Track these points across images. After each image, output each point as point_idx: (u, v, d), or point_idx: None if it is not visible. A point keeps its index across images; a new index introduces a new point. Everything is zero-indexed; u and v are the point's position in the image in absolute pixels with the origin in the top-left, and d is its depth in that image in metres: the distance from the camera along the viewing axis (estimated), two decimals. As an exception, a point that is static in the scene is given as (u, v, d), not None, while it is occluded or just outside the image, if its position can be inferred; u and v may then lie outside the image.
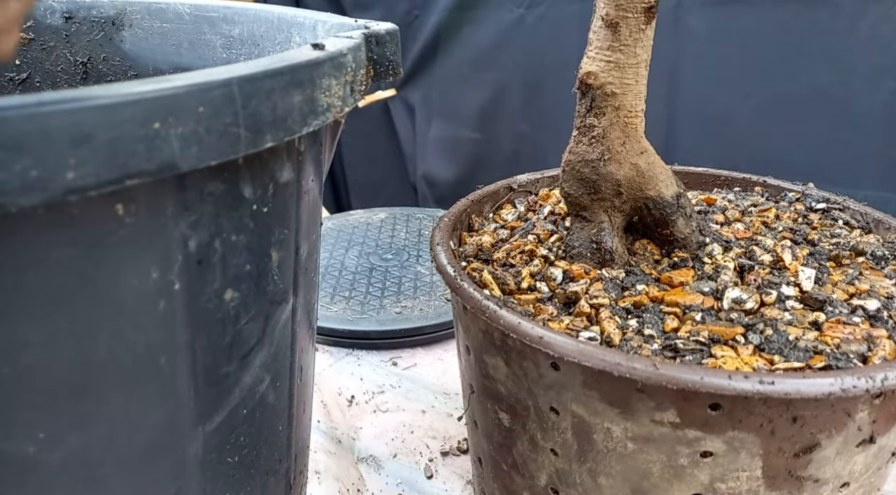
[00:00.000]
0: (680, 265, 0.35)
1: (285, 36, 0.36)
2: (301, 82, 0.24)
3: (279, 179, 0.27)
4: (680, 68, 0.82)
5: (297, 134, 0.24)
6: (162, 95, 0.19)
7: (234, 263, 0.26)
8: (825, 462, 0.28)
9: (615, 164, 0.35)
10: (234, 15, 0.38)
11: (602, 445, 0.30)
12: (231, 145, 0.21)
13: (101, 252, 0.21)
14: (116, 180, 0.18)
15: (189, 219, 0.23)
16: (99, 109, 0.18)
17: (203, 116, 0.20)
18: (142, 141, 0.19)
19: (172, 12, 0.40)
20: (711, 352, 0.29)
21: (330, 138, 0.33)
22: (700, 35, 0.80)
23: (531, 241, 0.38)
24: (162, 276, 0.23)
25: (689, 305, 0.32)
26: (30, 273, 0.20)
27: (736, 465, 0.28)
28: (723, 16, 0.79)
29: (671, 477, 0.29)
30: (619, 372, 0.27)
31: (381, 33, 0.30)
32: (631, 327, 0.31)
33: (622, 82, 0.33)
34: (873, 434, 0.29)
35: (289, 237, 0.29)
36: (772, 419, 0.27)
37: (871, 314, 0.31)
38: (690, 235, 0.36)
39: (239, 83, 0.21)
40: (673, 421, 0.28)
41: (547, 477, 0.33)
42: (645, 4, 0.31)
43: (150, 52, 0.42)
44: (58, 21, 0.42)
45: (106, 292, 0.21)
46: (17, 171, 0.17)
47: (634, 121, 0.34)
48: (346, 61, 0.27)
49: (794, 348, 0.29)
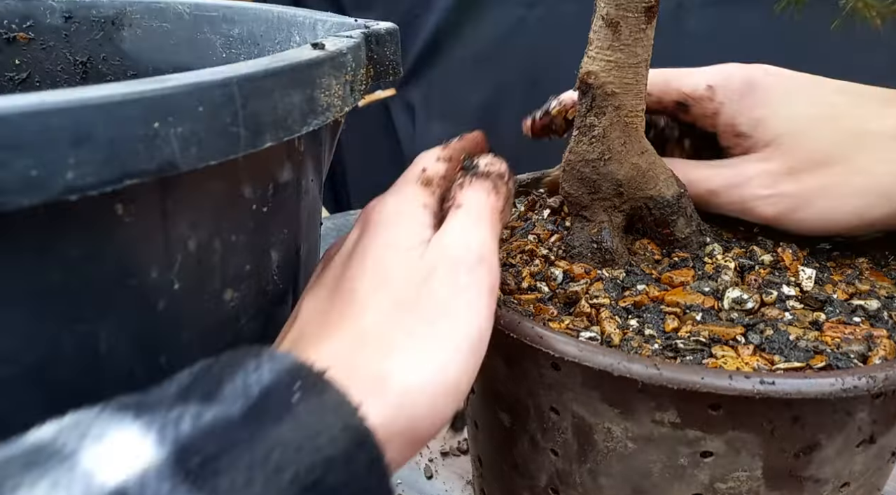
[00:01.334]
0: (680, 265, 0.35)
1: (285, 35, 0.36)
2: (301, 82, 0.24)
3: (279, 179, 0.27)
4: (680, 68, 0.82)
5: (297, 134, 0.24)
6: (161, 95, 0.19)
7: (233, 263, 0.26)
8: (825, 462, 0.28)
9: (615, 164, 0.34)
10: (234, 14, 0.38)
11: (602, 445, 0.30)
12: (231, 145, 0.21)
13: (100, 251, 0.21)
14: (116, 180, 0.18)
15: (188, 219, 0.23)
16: (99, 109, 0.18)
17: (203, 116, 0.20)
18: (141, 140, 0.19)
19: (172, 12, 0.40)
20: (712, 352, 0.29)
21: (330, 138, 0.33)
22: (700, 35, 0.80)
23: (531, 241, 0.38)
24: (162, 276, 0.23)
25: (689, 305, 0.32)
26: (29, 272, 0.20)
27: (736, 465, 0.28)
28: (723, 16, 0.79)
29: (671, 477, 0.29)
30: (620, 373, 0.26)
31: (381, 33, 0.30)
32: (631, 327, 0.31)
33: (622, 82, 0.33)
34: (874, 434, 0.29)
35: (289, 237, 0.29)
36: (772, 419, 0.27)
37: (871, 314, 0.31)
38: (691, 235, 0.36)
39: (239, 83, 0.21)
40: (673, 421, 0.28)
41: (547, 478, 0.33)
42: (645, 4, 0.31)
43: (149, 52, 0.42)
44: (58, 21, 0.42)
45: (105, 291, 0.21)
46: (18, 171, 0.17)
47: (635, 120, 0.34)
48: (346, 61, 0.27)
49: (794, 348, 0.29)
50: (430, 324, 0.24)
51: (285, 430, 0.19)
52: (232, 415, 0.19)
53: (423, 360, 0.23)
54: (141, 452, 0.17)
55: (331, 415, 0.20)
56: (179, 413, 0.19)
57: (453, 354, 0.24)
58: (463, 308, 0.25)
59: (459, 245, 0.26)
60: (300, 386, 0.20)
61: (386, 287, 0.25)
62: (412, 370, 0.23)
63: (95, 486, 0.16)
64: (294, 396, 0.20)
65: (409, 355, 0.23)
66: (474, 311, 0.25)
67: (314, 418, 0.20)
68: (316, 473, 0.19)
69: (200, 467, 0.17)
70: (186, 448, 0.18)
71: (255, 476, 0.18)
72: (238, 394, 0.20)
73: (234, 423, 0.19)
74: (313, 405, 0.20)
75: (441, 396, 0.23)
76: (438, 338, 0.24)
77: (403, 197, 0.29)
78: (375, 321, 0.25)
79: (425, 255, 0.26)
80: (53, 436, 0.18)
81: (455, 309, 0.25)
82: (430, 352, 0.24)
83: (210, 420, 0.19)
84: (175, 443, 0.18)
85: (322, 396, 0.20)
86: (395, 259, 0.26)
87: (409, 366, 0.23)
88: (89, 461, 0.17)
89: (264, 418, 0.19)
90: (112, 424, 0.18)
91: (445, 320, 0.25)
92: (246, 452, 0.18)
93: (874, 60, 0.70)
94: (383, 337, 0.24)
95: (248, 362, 0.21)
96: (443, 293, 0.25)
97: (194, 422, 0.18)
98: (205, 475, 0.17)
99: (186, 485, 0.17)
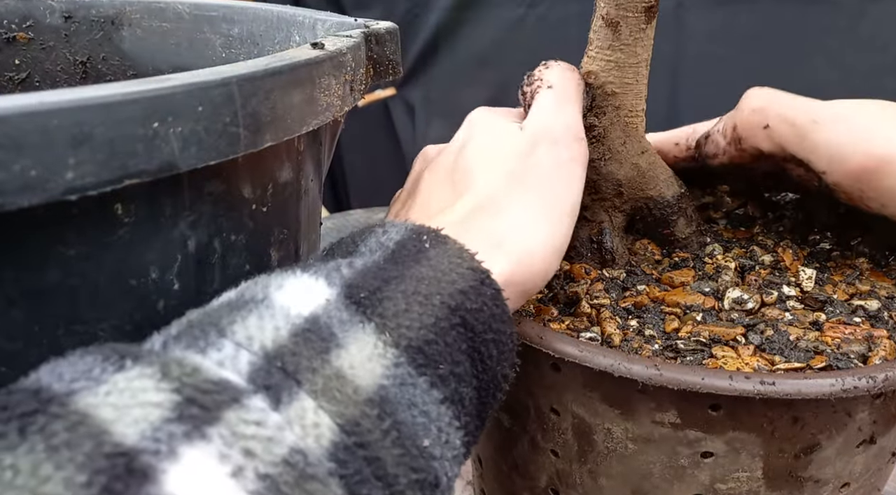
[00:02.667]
0: (681, 265, 0.35)
1: (285, 35, 0.36)
2: (300, 82, 0.24)
3: (278, 179, 0.27)
4: (680, 68, 0.82)
5: (297, 133, 0.24)
6: (161, 95, 0.19)
7: (233, 263, 0.26)
8: (826, 462, 0.28)
9: (616, 164, 0.34)
10: (234, 14, 0.38)
11: (602, 446, 0.30)
12: (230, 145, 0.21)
13: (100, 251, 0.21)
14: (116, 180, 0.18)
15: (188, 219, 0.23)
16: (98, 109, 0.18)
17: (202, 116, 0.20)
18: (141, 140, 0.18)
19: (172, 12, 0.40)
20: (712, 352, 0.29)
21: (329, 137, 0.33)
22: (700, 35, 0.80)
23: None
24: (161, 276, 0.23)
25: (689, 305, 0.32)
26: (29, 272, 0.20)
27: (736, 466, 0.28)
28: (723, 15, 0.79)
29: (672, 478, 0.29)
30: (620, 373, 0.26)
31: (380, 32, 0.30)
32: (632, 327, 0.31)
33: (623, 82, 0.33)
34: (874, 434, 0.29)
35: (288, 237, 0.29)
36: (772, 419, 0.27)
37: (871, 314, 0.31)
38: (691, 235, 0.36)
39: (238, 82, 0.21)
40: (673, 422, 0.28)
41: (547, 478, 0.33)
42: (645, 4, 0.31)
43: (149, 52, 0.42)
44: (57, 21, 0.42)
45: (105, 292, 0.21)
46: (17, 171, 0.16)
47: (635, 120, 0.34)
48: (346, 60, 0.27)
49: (794, 348, 0.29)
50: (538, 194, 0.28)
51: (425, 269, 0.23)
52: (378, 261, 0.24)
53: (536, 226, 0.27)
54: (318, 292, 0.22)
55: (456, 259, 0.24)
56: (336, 264, 0.23)
57: (558, 222, 0.28)
58: (565, 180, 0.29)
59: (558, 123, 0.30)
60: (426, 240, 0.24)
61: (498, 162, 0.29)
62: (529, 235, 0.27)
63: (293, 315, 0.21)
64: (425, 245, 0.24)
65: (524, 220, 0.27)
66: (574, 183, 0.29)
67: (445, 261, 0.24)
68: (456, 299, 0.23)
69: (367, 298, 0.22)
70: (351, 285, 0.22)
71: (411, 301, 0.22)
72: (376, 248, 0.25)
73: (382, 267, 0.23)
74: (441, 252, 0.24)
75: (550, 256, 0.27)
76: (546, 207, 0.28)
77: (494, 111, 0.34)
78: (491, 191, 0.28)
79: (527, 133, 0.30)
80: (240, 293, 0.22)
81: (558, 180, 0.29)
82: (540, 219, 0.27)
83: (362, 266, 0.23)
84: (342, 283, 0.22)
85: (446, 246, 0.24)
86: (503, 139, 0.30)
87: (525, 231, 0.27)
88: (282, 300, 0.21)
89: (406, 261, 0.24)
90: (286, 278, 0.22)
91: (551, 191, 0.28)
92: (400, 283, 0.23)
93: (874, 60, 0.70)
94: (500, 203, 0.28)
95: (376, 229, 0.26)
96: (546, 166, 0.29)
97: (351, 268, 0.23)
98: (372, 304, 0.22)
99: (360, 311, 0.22)
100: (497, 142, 0.30)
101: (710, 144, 0.37)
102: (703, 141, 0.37)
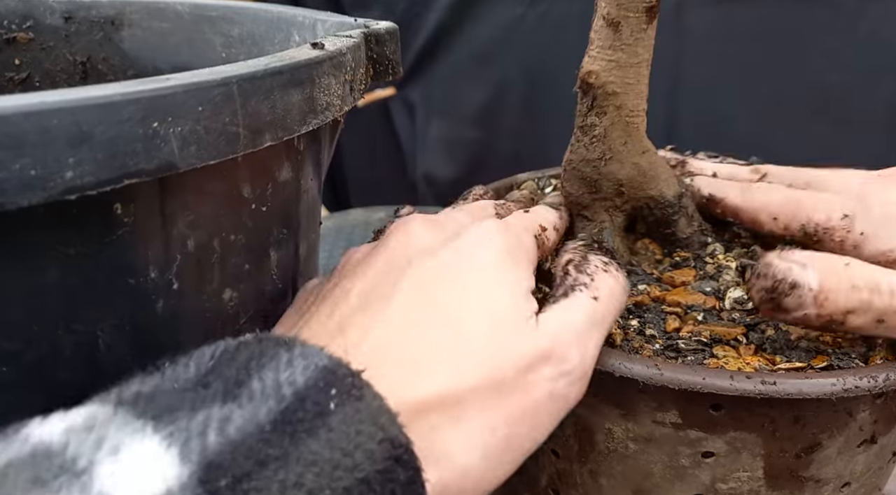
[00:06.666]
0: (681, 265, 0.35)
1: (285, 35, 0.36)
2: (300, 81, 0.24)
3: (278, 179, 0.27)
4: (681, 68, 0.82)
5: (297, 133, 0.24)
6: (161, 95, 0.19)
7: (233, 263, 0.26)
8: (827, 462, 0.28)
9: (616, 164, 0.34)
10: (234, 14, 0.38)
11: (603, 446, 0.30)
12: (230, 144, 0.21)
13: (99, 251, 0.21)
14: (115, 179, 0.18)
15: (188, 219, 0.23)
16: (98, 109, 0.18)
17: (202, 116, 0.20)
18: (141, 140, 0.19)
19: (172, 12, 0.40)
20: (713, 352, 0.29)
21: (329, 137, 0.33)
22: (701, 34, 0.80)
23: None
24: (161, 276, 0.23)
25: (690, 305, 0.32)
26: (28, 272, 0.20)
27: (737, 466, 0.28)
28: (723, 15, 0.79)
29: (672, 478, 0.29)
30: (621, 373, 0.26)
31: (380, 32, 0.30)
32: (632, 327, 0.31)
33: (623, 81, 0.33)
34: (875, 434, 0.29)
35: (288, 236, 0.29)
36: (773, 419, 0.27)
37: (872, 314, 0.31)
38: (692, 235, 0.36)
39: (238, 82, 0.21)
40: (674, 422, 0.28)
41: (547, 478, 0.33)
42: (646, 4, 0.31)
43: (149, 52, 0.42)
44: (57, 21, 0.42)
45: (105, 291, 0.21)
46: (17, 171, 0.16)
47: (636, 120, 0.34)
48: (346, 60, 0.27)
49: (795, 348, 0.29)
50: (514, 426, 0.23)
51: (319, 445, 0.17)
52: (262, 423, 0.17)
53: (491, 460, 0.22)
54: (162, 471, 0.16)
55: (370, 426, 0.18)
56: (204, 419, 0.17)
57: (511, 463, 0.23)
58: (548, 417, 0.24)
59: (580, 353, 0.24)
60: (335, 394, 0.18)
61: (488, 351, 0.23)
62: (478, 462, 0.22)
63: None
64: (330, 405, 0.18)
65: (482, 445, 0.22)
66: (553, 425, 0.24)
67: (352, 430, 0.18)
68: (354, 493, 0.17)
69: (229, 489, 0.16)
70: (213, 465, 0.16)
71: None
72: (268, 394, 0.18)
73: (264, 433, 0.17)
74: (350, 413, 0.18)
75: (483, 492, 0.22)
76: (512, 440, 0.23)
77: (518, 241, 0.28)
78: (459, 387, 0.22)
79: (542, 337, 0.24)
80: (63, 442, 0.16)
81: (546, 414, 0.24)
82: (502, 455, 0.22)
83: (238, 428, 0.17)
84: (200, 460, 0.16)
85: (359, 403, 0.19)
86: (508, 314, 0.24)
87: (476, 455, 0.22)
88: (106, 481, 0.15)
89: (298, 430, 0.18)
90: (129, 434, 0.16)
91: (530, 426, 0.23)
92: (279, 471, 0.17)
93: (874, 60, 0.70)
94: (464, 407, 0.22)
95: (280, 355, 0.19)
96: (539, 396, 0.23)
97: (221, 432, 0.17)
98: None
99: None
100: (502, 311, 0.24)
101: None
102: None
